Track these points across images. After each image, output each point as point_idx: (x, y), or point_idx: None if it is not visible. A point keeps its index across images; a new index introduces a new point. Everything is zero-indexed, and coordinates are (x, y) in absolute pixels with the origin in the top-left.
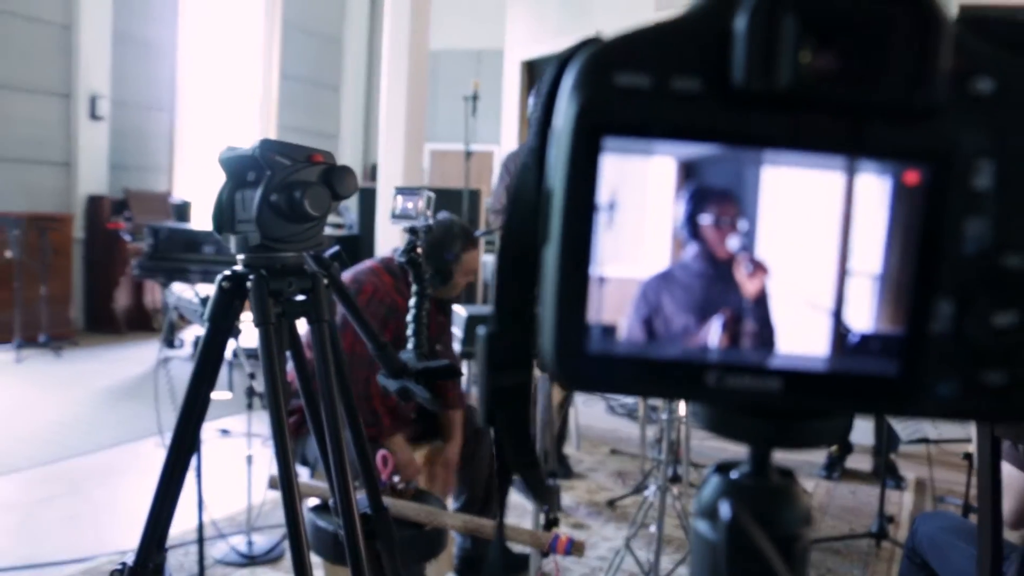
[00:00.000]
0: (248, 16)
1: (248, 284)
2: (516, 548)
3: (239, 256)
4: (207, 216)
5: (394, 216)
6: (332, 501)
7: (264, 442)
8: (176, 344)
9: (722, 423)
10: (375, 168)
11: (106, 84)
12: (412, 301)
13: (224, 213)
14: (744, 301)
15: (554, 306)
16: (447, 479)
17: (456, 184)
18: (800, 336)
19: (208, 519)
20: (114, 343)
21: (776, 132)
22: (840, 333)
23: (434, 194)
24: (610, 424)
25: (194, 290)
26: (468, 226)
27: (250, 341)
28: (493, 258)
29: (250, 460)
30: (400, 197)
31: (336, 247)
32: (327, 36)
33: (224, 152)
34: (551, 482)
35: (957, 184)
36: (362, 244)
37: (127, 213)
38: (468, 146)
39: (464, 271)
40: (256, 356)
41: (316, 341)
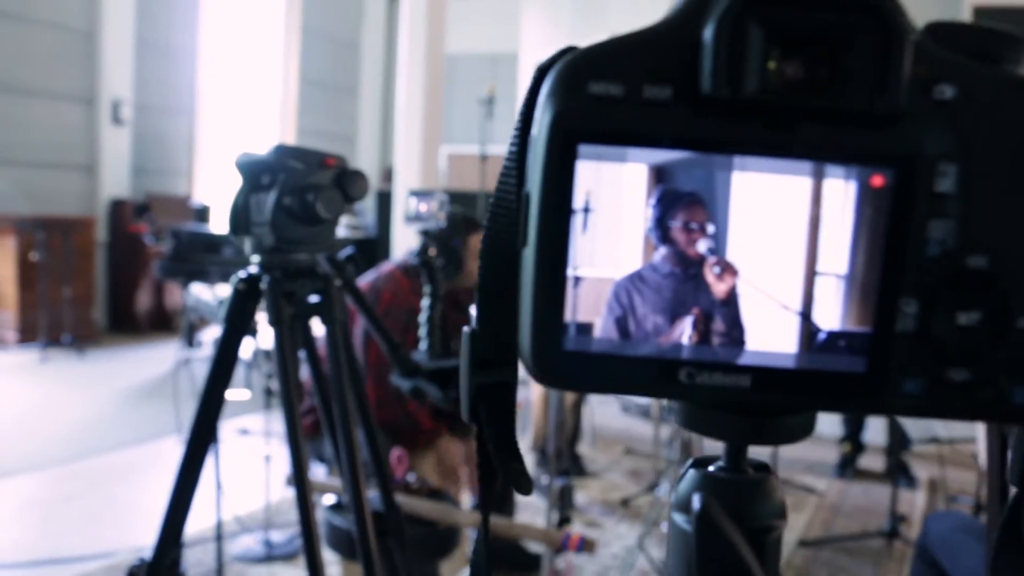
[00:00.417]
0: (268, 21)
1: (262, 285)
2: (531, 547)
3: (254, 258)
4: (225, 219)
5: (408, 218)
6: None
7: (283, 441)
8: (196, 344)
9: (698, 420)
10: (392, 171)
11: (128, 89)
12: (425, 302)
13: (239, 216)
14: (714, 301)
15: (532, 305)
16: (469, 475)
17: (472, 187)
18: (769, 334)
19: (227, 517)
20: (136, 344)
21: (744, 138)
22: (808, 332)
23: (447, 196)
24: (624, 423)
25: (212, 291)
26: (468, 212)
27: (268, 341)
28: None
29: (268, 459)
30: (413, 199)
31: (351, 249)
32: (345, 40)
33: (240, 156)
34: (564, 481)
35: (921, 187)
36: (379, 247)
37: (149, 216)
38: (484, 149)
39: (473, 255)
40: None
41: (329, 341)
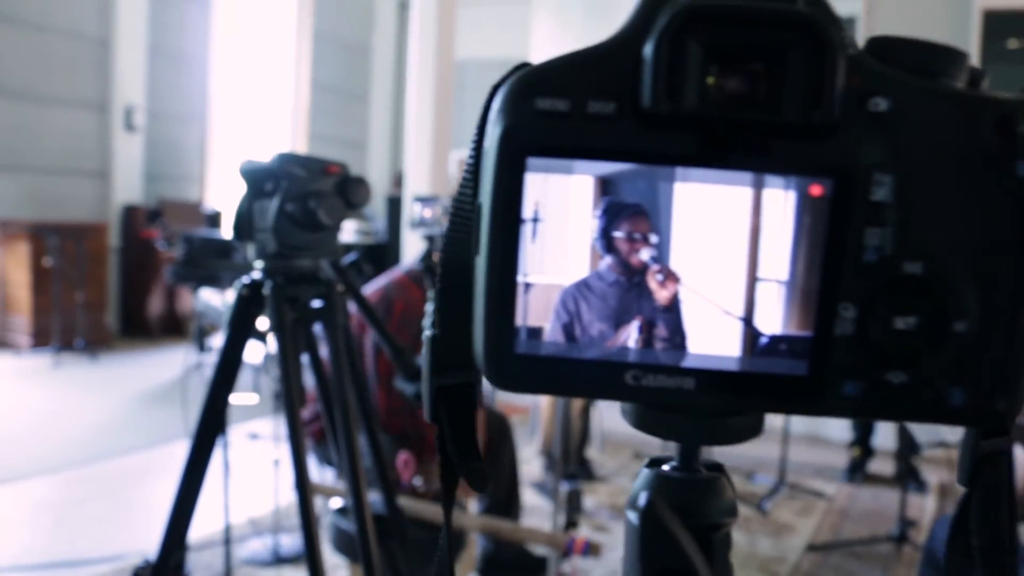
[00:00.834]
0: (279, 27)
1: (265, 291)
2: (537, 550)
3: (257, 263)
4: (230, 225)
5: (412, 224)
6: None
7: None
8: (206, 349)
9: (649, 421)
10: (402, 176)
11: (141, 96)
12: (428, 307)
13: (243, 222)
14: (656, 307)
15: (484, 310)
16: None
17: None
18: (712, 339)
19: (236, 521)
20: (148, 348)
21: (685, 151)
22: (751, 336)
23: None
24: (633, 428)
25: (222, 296)
26: None
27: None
28: None
29: (277, 463)
30: (418, 205)
31: (355, 255)
32: (356, 46)
33: (243, 164)
34: (572, 485)
35: (858, 196)
36: (389, 252)
37: (161, 222)
38: None
39: None
40: None
41: (330, 345)
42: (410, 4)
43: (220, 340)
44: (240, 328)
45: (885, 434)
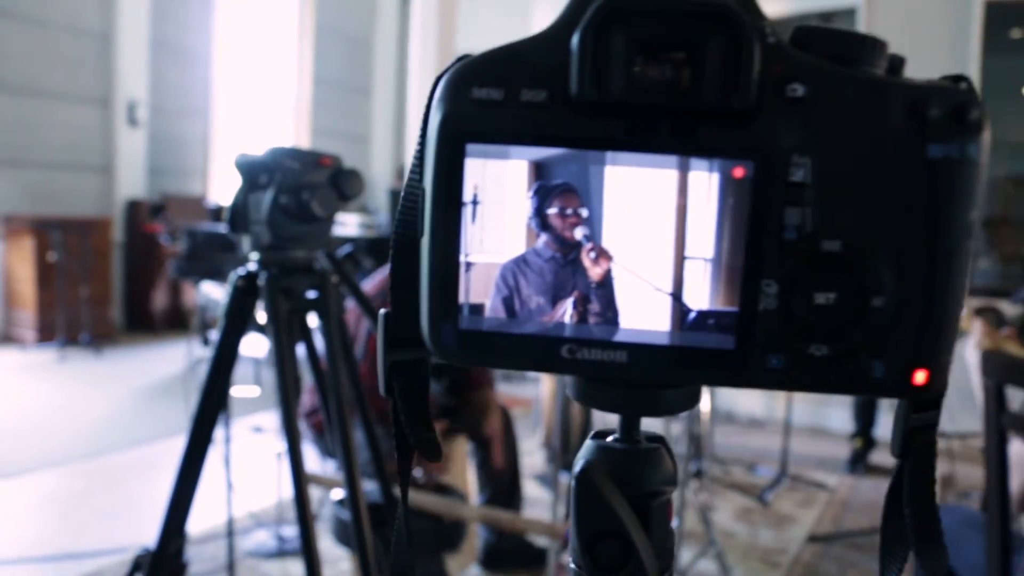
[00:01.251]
0: (281, 21)
1: (260, 282)
2: (537, 541)
3: (252, 255)
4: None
5: None
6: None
7: None
8: (210, 343)
9: (589, 394)
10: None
11: (144, 91)
12: None
13: (239, 214)
14: (590, 284)
15: (429, 289)
16: (496, 452)
17: None
18: (643, 314)
19: (240, 513)
20: (152, 342)
21: (613, 136)
22: (680, 311)
23: None
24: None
25: (223, 290)
26: None
27: None
28: None
29: (280, 455)
30: None
31: (350, 247)
32: (358, 40)
33: (238, 157)
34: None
35: (777, 178)
36: None
37: (164, 216)
38: None
39: None
40: None
41: (325, 335)
42: None
43: (216, 331)
44: (236, 319)
45: (887, 425)
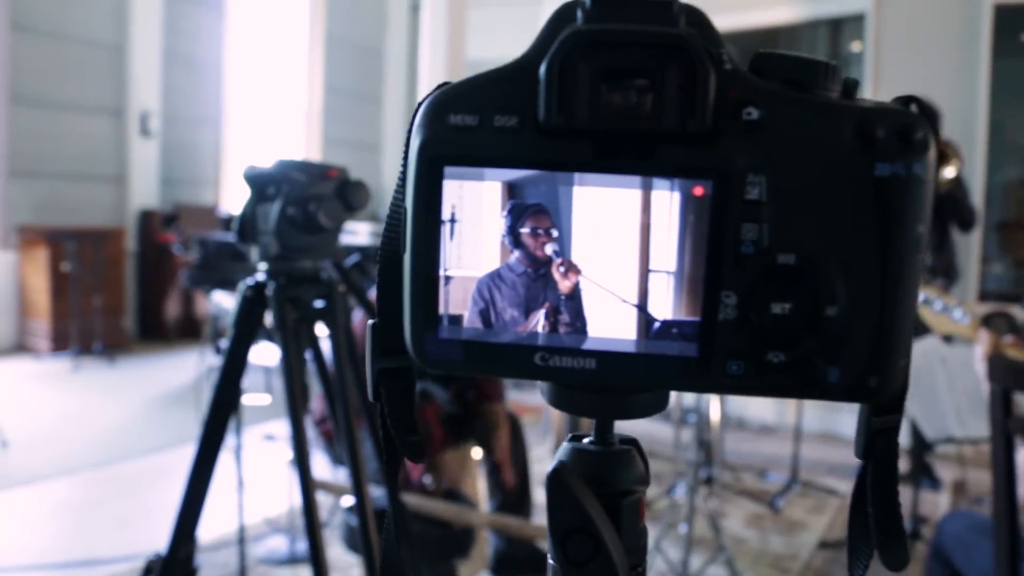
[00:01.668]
0: (292, 31)
1: (268, 292)
2: (546, 547)
3: (260, 265)
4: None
5: None
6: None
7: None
8: (222, 351)
9: (563, 399)
10: None
11: (156, 101)
12: None
13: (247, 225)
14: (561, 296)
15: (411, 301)
16: (505, 471)
17: None
18: (611, 324)
19: (252, 520)
20: (165, 351)
21: (580, 159)
22: (645, 321)
23: None
24: (645, 427)
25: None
26: None
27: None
28: None
29: (292, 464)
30: None
31: (357, 256)
32: (369, 49)
33: (247, 169)
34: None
35: (734, 196)
36: None
37: (177, 226)
38: None
39: None
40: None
41: (332, 344)
42: (421, 6)
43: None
44: (244, 328)
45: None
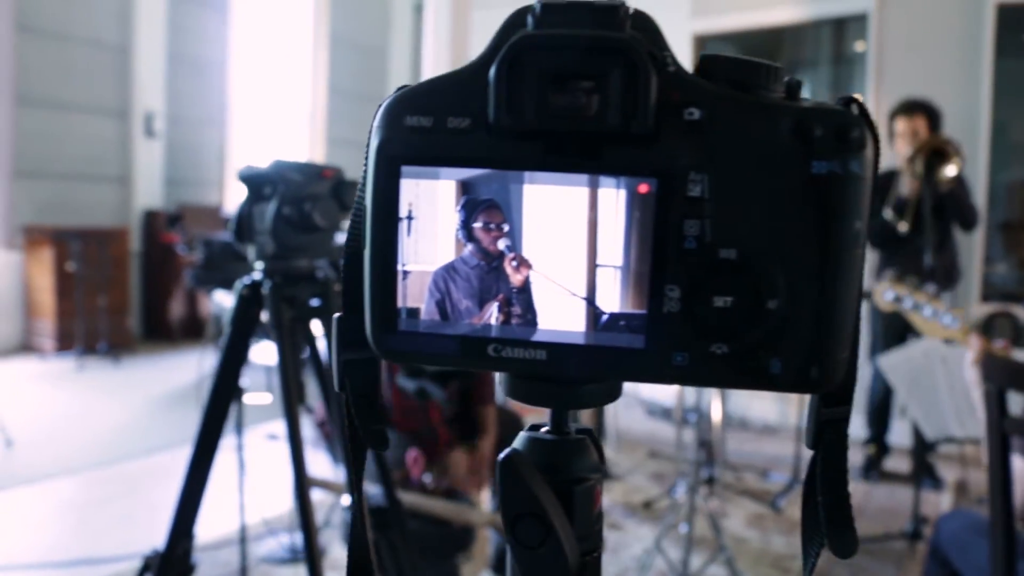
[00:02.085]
0: (296, 32)
1: (264, 291)
2: None
3: (257, 264)
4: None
5: None
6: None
7: (309, 445)
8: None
9: (518, 390)
10: None
11: (161, 102)
12: None
13: (244, 224)
14: (512, 289)
15: (371, 294)
16: (481, 475)
17: None
18: (561, 316)
19: (254, 520)
20: (169, 351)
21: (529, 158)
22: (594, 314)
23: None
24: (648, 427)
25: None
26: None
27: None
28: None
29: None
30: None
31: None
32: (373, 49)
33: (243, 170)
34: None
35: (677, 193)
36: None
37: (181, 226)
38: None
39: None
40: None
41: (327, 342)
42: (425, 7)
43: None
44: (241, 326)
45: (901, 431)
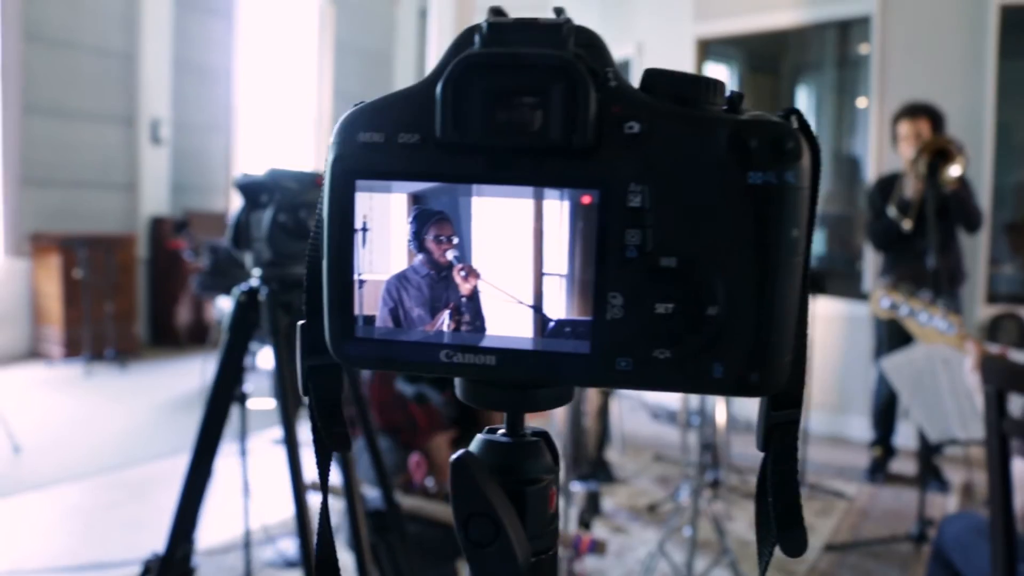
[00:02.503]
0: (301, 38)
1: (261, 297)
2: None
3: (254, 271)
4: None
5: None
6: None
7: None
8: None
9: (473, 394)
10: None
11: (167, 109)
12: None
13: (241, 232)
14: (461, 297)
15: (328, 303)
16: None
17: None
18: (509, 323)
19: (258, 525)
20: (176, 357)
21: (475, 172)
22: (541, 321)
23: None
24: (654, 430)
25: None
26: None
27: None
28: None
29: None
30: None
31: None
32: (378, 55)
33: (240, 178)
34: (591, 486)
35: (617, 204)
36: None
37: (187, 232)
38: None
39: None
40: None
41: None
42: (429, 12)
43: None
44: (239, 332)
45: (906, 434)
